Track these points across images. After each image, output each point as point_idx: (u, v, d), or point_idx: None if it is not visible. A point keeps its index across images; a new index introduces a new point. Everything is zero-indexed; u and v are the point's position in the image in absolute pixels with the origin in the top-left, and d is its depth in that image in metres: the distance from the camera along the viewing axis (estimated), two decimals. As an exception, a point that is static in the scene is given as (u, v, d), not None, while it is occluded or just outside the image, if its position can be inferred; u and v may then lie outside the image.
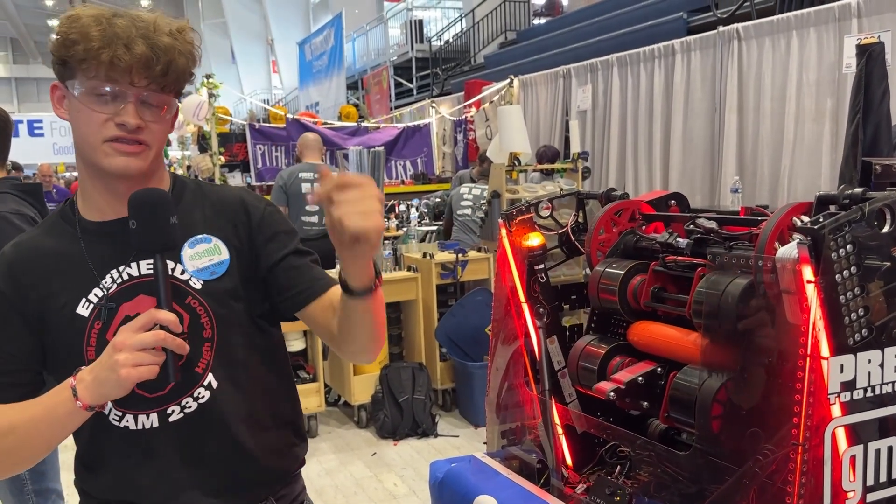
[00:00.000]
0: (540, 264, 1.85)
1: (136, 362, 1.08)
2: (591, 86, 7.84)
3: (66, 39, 1.14)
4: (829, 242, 1.08)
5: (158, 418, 1.24)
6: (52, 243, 1.26)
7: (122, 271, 1.24)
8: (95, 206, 1.26)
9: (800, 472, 1.09)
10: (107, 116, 1.16)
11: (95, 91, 1.15)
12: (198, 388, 1.25)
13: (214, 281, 1.27)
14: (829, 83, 5.33)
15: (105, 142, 1.17)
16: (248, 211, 1.33)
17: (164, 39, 1.16)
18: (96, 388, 1.11)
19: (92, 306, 1.22)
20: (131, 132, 1.17)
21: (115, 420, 1.24)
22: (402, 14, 17.42)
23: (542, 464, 1.80)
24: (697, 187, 6.52)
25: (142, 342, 1.09)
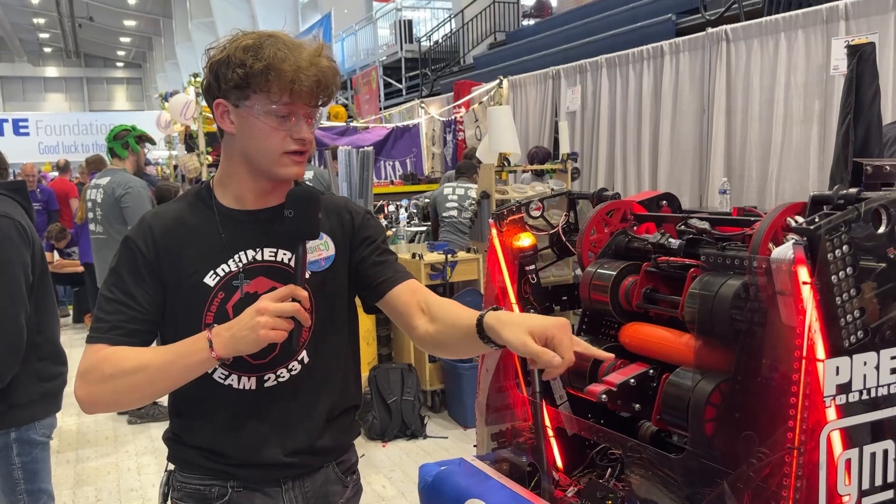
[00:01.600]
0: (531, 265, 1.83)
1: (273, 325, 1.24)
2: (581, 87, 7.85)
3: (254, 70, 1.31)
4: (825, 243, 1.07)
5: (256, 382, 1.43)
6: (190, 218, 1.45)
7: (249, 255, 1.43)
8: (237, 197, 1.45)
9: (795, 475, 1.07)
10: (286, 133, 1.36)
11: (279, 112, 1.34)
12: (293, 362, 1.45)
13: (321, 273, 1.46)
14: (817, 85, 5.35)
15: (283, 154, 1.37)
16: (351, 215, 1.54)
17: (324, 63, 1.35)
18: (233, 343, 1.26)
19: (218, 279, 1.41)
20: (303, 145, 1.38)
21: (220, 378, 1.42)
22: (392, 14, 17.38)
23: (532, 467, 1.78)
24: (685, 189, 6.53)
25: (282, 310, 1.25)
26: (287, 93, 1.33)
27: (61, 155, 12.95)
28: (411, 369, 4.72)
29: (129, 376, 1.33)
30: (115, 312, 1.39)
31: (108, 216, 4.82)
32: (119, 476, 4.31)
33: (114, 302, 1.40)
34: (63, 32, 27.19)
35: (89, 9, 27.77)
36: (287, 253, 1.45)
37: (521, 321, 1.26)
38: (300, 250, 1.33)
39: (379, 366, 4.72)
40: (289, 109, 1.35)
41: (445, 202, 6.16)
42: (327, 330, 1.49)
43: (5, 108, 32.67)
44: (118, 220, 4.77)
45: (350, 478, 1.60)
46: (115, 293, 1.41)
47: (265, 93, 1.33)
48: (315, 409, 1.49)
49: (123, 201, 4.74)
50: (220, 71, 1.36)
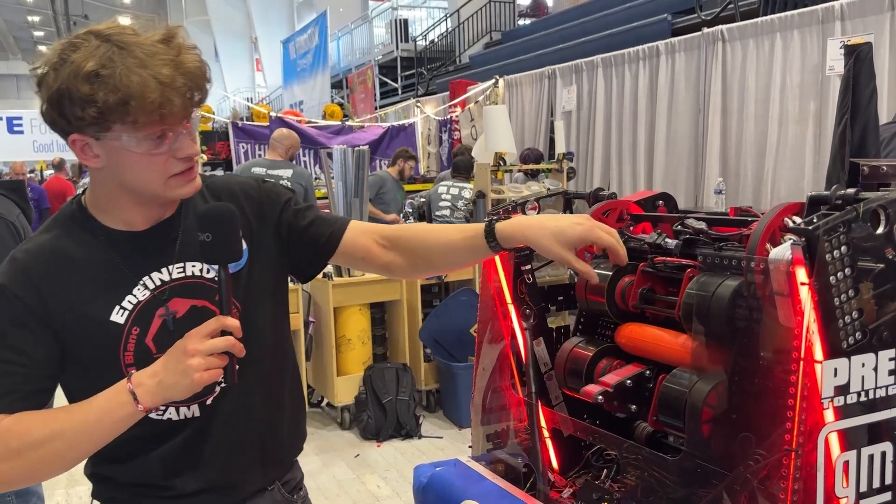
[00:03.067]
0: (527, 265, 1.82)
1: (207, 366, 1.12)
2: (576, 86, 7.85)
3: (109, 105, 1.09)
4: (823, 243, 1.06)
5: (199, 408, 1.30)
6: (72, 249, 1.25)
7: (154, 277, 1.27)
8: (126, 218, 1.27)
9: (792, 478, 1.07)
10: (166, 155, 1.18)
11: (151, 137, 1.15)
12: None
13: (237, 273, 1.31)
14: (813, 85, 5.36)
15: (170, 177, 1.20)
16: (249, 196, 1.38)
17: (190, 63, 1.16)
18: (161, 391, 1.14)
19: (127, 313, 1.24)
20: (190, 160, 1.22)
21: (156, 415, 1.27)
22: (387, 13, 17.38)
23: (528, 468, 1.77)
24: (681, 188, 6.53)
25: (214, 347, 1.13)
26: (156, 117, 1.12)
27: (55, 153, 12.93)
28: (406, 369, 4.71)
29: (42, 447, 1.14)
30: (7, 374, 1.18)
31: None
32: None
33: (3, 363, 1.18)
34: (58, 30, 27.09)
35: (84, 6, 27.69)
36: (196, 264, 1.30)
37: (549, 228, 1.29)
38: (222, 275, 1.18)
39: (374, 365, 4.71)
40: (162, 131, 1.15)
41: (439, 201, 6.16)
42: (259, 327, 1.35)
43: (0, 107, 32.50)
44: None
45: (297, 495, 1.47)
46: (3, 352, 1.18)
47: (130, 123, 1.12)
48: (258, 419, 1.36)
49: None
50: (63, 108, 1.12)
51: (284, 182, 5.42)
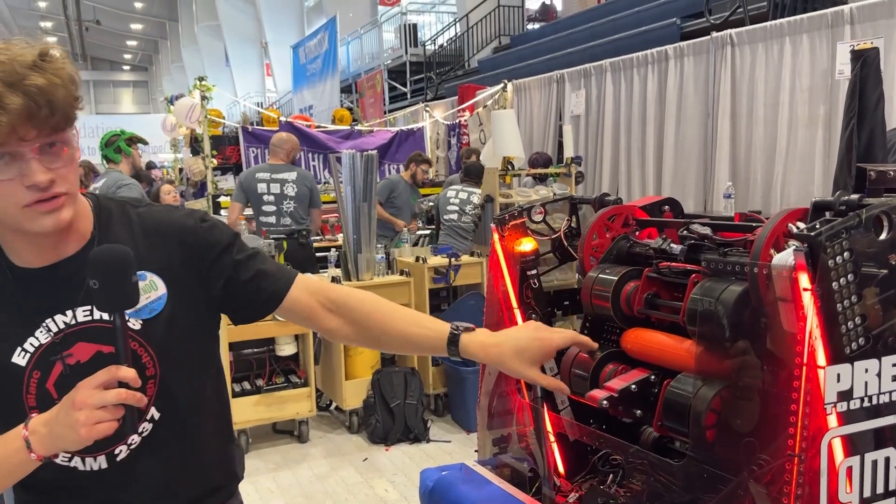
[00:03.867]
0: (532, 269, 1.82)
1: (96, 420, 1.05)
2: (585, 91, 7.85)
3: None
4: (826, 249, 1.06)
5: (107, 460, 1.23)
6: None
7: (58, 320, 1.19)
8: (21, 256, 1.19)
9: (796, 483, 1.07)
10: (15, 182, 1.06)
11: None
12: (142, 424, 1.24)
13: (153, 318, 1.23)
14: (822, 89, 5.35)
15: (23, 207, 1.08)
16: (182, 235, 1.28)
17: (35, 81, 1.03)
18: (52, 441, 1.08)
19: (28, 355, 1.18)
20: (45, 190, 1.08)
21: (63, 461, 1.22)
22: (397, 18, 17.43)
23: (533, 472, 1.77)
24: (690, 193, 6.52)
25: (103, 401, 1.06)
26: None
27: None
28: (414, 373, 4.72)
29: None
30: None
31: None
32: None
33: None
34: (70, 36, 27.34)
35: (96, 12, 27.91)
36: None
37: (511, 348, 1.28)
38: (117, 322, 1.10)
39: (382, 369, 4.72)
40: (3, 151, 1.04)
41: (447, 205, 6.17)
42: (176, 376, 1.27)
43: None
44: None
45: None
46: None
47: None
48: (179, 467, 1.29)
49: (119, 193, 4.77)
50: None
51: (289, 185, 5.46)
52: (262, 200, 5.41)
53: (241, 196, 5.50)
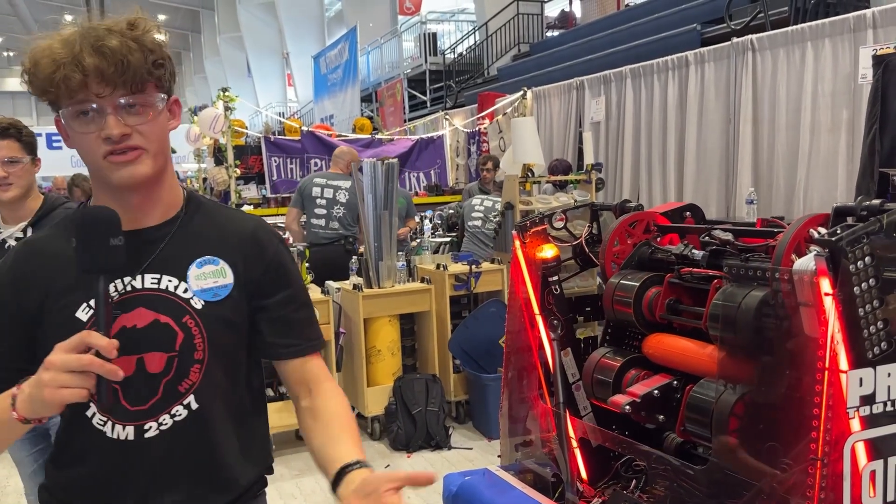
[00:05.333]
0: (554, 276, 1.84)
1: (60, 384, 1.05)
2: (605, 97, 7.84)
3: (30, 76, 1.16)
4: (846, 254, 1.07)
5: (134, 432, 1.23)
6: (62, 246, 1.24)
7: (127, 283, 1.23)
8: None
9: (819, 487, 1.07)
10: (95, 134, 1.16)
11: (74, 115, 1.16)
12: (176, 406, 1.24)
13: (215, 303, 1.26)
14: (845, 94, 5.30)
15: (104, 159, 1.17)
16: (260, 245, 1.33)
17: (112, 43, 1.14)
18: (29, 402, 1.09)
19: (91, 311, 1.21)
20: (119, 142, 1.16)
21: (98, 424, 1.23)
22: (416, 27, 17.50)
23: (556, 477, 1.79)
24: (712, 199, 6.48)
25: (66, 364, 1.05)
26: (64, 90, 1.13)
27: (93, 168, 13.29)
28: (436, 380, 4.73)
29: None
30: None
31: None
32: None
33: None
34: (95, 48, 27.65)
35: (120, 25, 28.28)
36: (173, 280, 1.24)
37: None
38: (99, 286, 1.11)
39: (403, 376, 4.74)
40: (81, 108, 1.15)
41: (472, 212, 6.19)
42: (222, 371, 1.28)
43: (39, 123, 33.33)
44: None
45: None
46: None
47: (54, 98, 1.16)
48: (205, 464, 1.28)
49: None
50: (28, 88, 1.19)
51: (342, 192, 5.64)
52: (315, 203, 5.58)
53: (299, 201, 5.71)
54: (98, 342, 1.06)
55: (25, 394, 1.09)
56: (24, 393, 1.09)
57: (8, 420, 1.11)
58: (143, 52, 1.16)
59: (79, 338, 1.06)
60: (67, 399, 1.05)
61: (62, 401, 1.06)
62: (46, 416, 1.11)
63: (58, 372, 1.05)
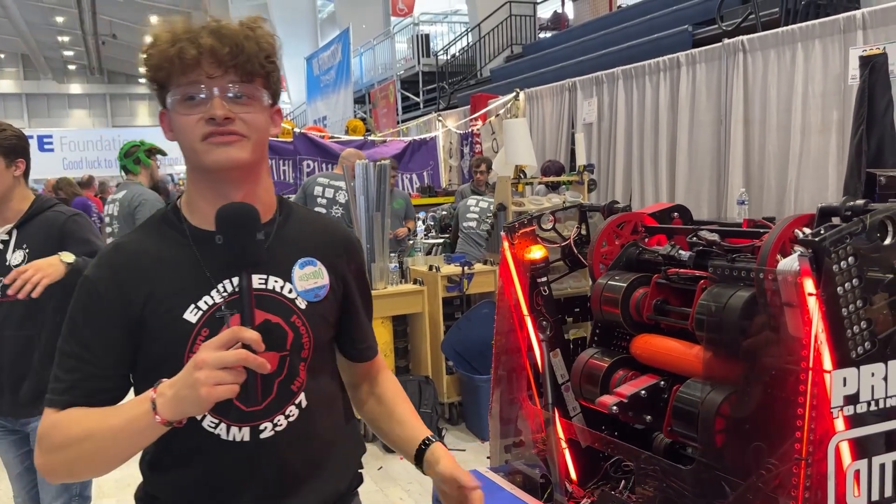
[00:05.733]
0: (543, 277, 1.84)
1: (216, 381, 1.05)
2: (597, 98, 7.86)
3: (147, 57, 1.18)
4: (830, 254, 1.07)
5: (250, 433, 1.24)
6: (158, 247, 1.26)
7: (235, 282, 1.21)
8: (203, 215, 1.26)
9: (803, 486, 1.08)
10: (198, 116, 1.17)
11: (182, 97, 1.18)
12: (290, 406, 1.27)
13: (317, 303, 1.30)
14: (835, 95, 5.33)
15: (202, 140, 1.18)
16: (350, 249, 1.40)
17: (230, 27, 1.18)
18: (176, 404, 1.08)
19: (201, 313, 1.21)
20: (222, 124, 1.17)
21: (209, 426, 1.23)
22: (409, 29, 17.51)
23: (545, 478, 1.79)
24: (704, 199, 6.50)
25: (222, 360, 1.05)
26: (177, 66, 1.16)
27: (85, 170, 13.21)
28: (429, 381, 4.73)
29: (77, 445, 1.15)
30: (72, 370, 1.20)
31: (123, 228, 4.91)
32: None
33: (70, 357, 1.20)
34: (87, 50, 27.69)
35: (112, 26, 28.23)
36: (279, 280, 1.27)
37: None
38: (244, 281, 1.12)
39: (396, 378, 4.73)
40: (192, 89, 1.17)
41: (467, 213, 6.20)
42: (323, 368, 1.34)
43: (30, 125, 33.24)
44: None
45: None
46: (72, 346, 1.21)
47: (166, 77, 1.19)
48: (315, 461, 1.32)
49: (137, 213, 4.83)
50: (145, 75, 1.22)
51: (342, 192, 5.69)
52: (316, 203, 5.65)
53: (302, 199, 5.76)
54: (250, 336, 1.07)
55: (168, 396, 1.08)
56: (166, 395, 1.08)
57: (146, 426, 1.10)
58: (257, 43, 1.20)
59: (230, 333, 1.07)
60: (222, 396, 1.06)
61: (217, 398, 1.05)
62: (188, 416, 1.11)
63: (212, 369, 1.04)
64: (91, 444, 1.14)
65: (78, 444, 1.14)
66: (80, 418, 1.17)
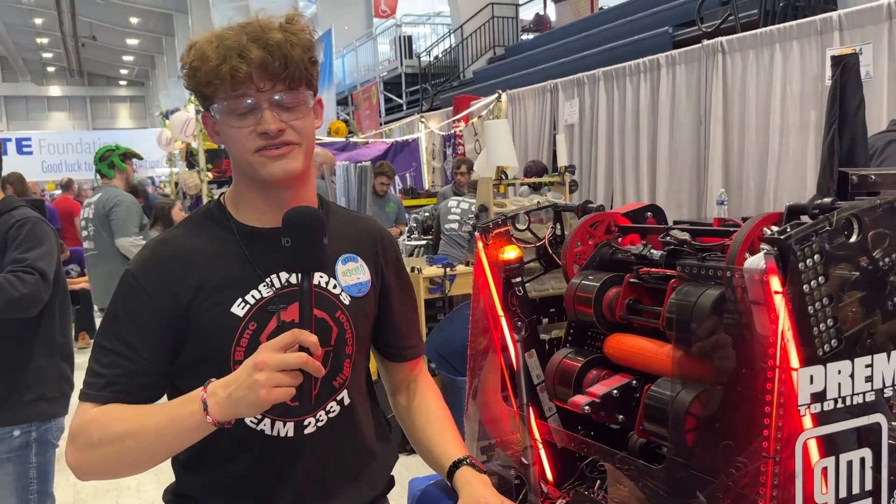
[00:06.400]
0: (517, 277, 1.83)
1: (275, 383, 1.04)
2: (578, 100, 7.89)
3: (191, 69, 1.17)
4: (795, 252, 1.07)
5: (294, 428, 1.24)
6: (203, 242, 1.25)
7: (283, 278, 1.24)
8: (255, 212, 1.27)
9: (770, 484, 1.08)
10: (250, 129, 1.17)
11: (231, 109, 1.17)
12: (331, 402, 1.27)
13: (360, 299, 1.31)
14: (813, 95, 5.38)
15: (255, 153, 1.18)
16: (386, 245, 1.41)
17: (274, 37, 1.16)
18: (230, 405, 1.06)
19: (248, 307, 1.21)
20: (275, 137, 1.18)
21: (251, 423, 1.22)
22: (392, 30, 17.51)
23: (520, 479, 1.78)
24: (685, 200, 6.54)
25: (284, 363, 1.04)
26: (228, 83, 1.15)
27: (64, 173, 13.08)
28: (410, 383, 4.72)
29: (118, 443, 1.12)
30: (112, 365, 1.17)
31: (98, 231, 4.87)
32: (118, 495, 4.30)
33: (110, 352, 1.18)
34: (66, 52, 27.46)
35: (92, 28, 28.02)
36: (324, 276, 1.27)
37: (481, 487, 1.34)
38: (305, 284, 1.11)
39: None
40: (240, 103, 1.16)
41: (448, 214, 6.20)
42: (364, 364, 1.35)
43: (9, 128, 32.89)
44: (108, 233, 4.84)
45: None
46: (112, 341, 1.18)
47: (213, 91, 1.17)
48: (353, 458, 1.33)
49: (112, 214, 4.80)
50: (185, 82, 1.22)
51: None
52: None
53: None
54: (310, 340, 1.06)
55: (222, 396, 1.06)
56: (219, 395, 1.06)
57: (195, 426, 1.08)
58: (302, 48, 1.19)
59: (291, 335, 1.06)
60: (280, 399, 1.04)
61: (275, 401, 1.04)
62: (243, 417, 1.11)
63: (272, 371, 1.03)
64: (133, 442, 1.12)
65: (120, 441, 1.12)
66: (121, 415, 1.14)
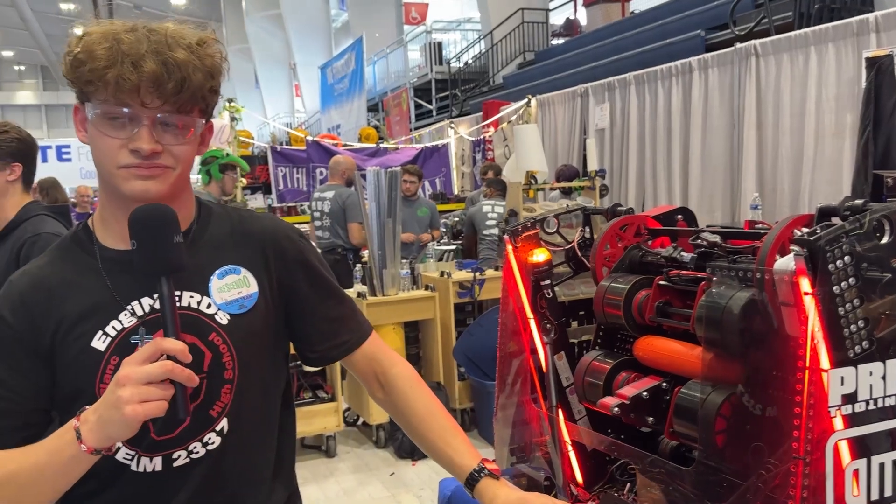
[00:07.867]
0: (546, 280, 1.85)
1: (142, 397, 0.96)
2: (609, 104, 7.86)
3: (75, 59, 1.06)
4: (825, 254, 1.07)
5: (162, 462, 1.14)
6: (67, 271, 1.15)
7: (146, 304, 1.13)
8: (116, 233, 1.15)
9: (801, 486, 1.08)
10: (121, 142, 1.06)
11: (107, 115, 1.06)
12: (209, 433, 1.15)
13: (241, 316, 1.17)
14: (849, 98, 5.30)
15: (120, 168, 1.08)
16: (281, 245, 1.25)
17: (178, 54, 1.05)
18: (100, 428, 0.99)
19: (109, 339, 1.11)
20: (146, 158, 1.07)
21: (125, 459, 1.13)
22: (422, 37, 17.60)
23: (549, 481, 1.79)
24: (717, 204, 6.48)
25: (148, 375, 0.96)
26: (111, 88, 1.03)
27: (102, 180, 13.47)
28: (440, 387, 4.73)
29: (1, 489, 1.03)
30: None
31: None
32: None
33: None
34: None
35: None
36: (195, 295, 1.15)
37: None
38: (164, 288, 1.02)
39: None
40: (119, 112, 1.05)
41: (485, 220, 6.22)
42: (253, 390, 1.19)
43: (49, 135, 33.66)
44: None
45: None
46: None
47: (93, 91, 1.06)
48: (235, 493, 1.19)
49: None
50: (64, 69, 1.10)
51: (326, 202, 5.81)
52: (313, 216, 6.04)
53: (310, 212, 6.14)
54: (174, 347, 0.99)
55: (92, 421, 0.99)
56: (90, 421, 0.99)
57: (72, 457, 1.00)
58: (205, 74, 1.10)
59: (154, 345, 0.99)
60: (150, 414, 0.97)
61: (144, 417, 0.97)
62: (117, 442, 1.03)
63: (137, 385, 0.96)
64: (14, 489, 1.03)
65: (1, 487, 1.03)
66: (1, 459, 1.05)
